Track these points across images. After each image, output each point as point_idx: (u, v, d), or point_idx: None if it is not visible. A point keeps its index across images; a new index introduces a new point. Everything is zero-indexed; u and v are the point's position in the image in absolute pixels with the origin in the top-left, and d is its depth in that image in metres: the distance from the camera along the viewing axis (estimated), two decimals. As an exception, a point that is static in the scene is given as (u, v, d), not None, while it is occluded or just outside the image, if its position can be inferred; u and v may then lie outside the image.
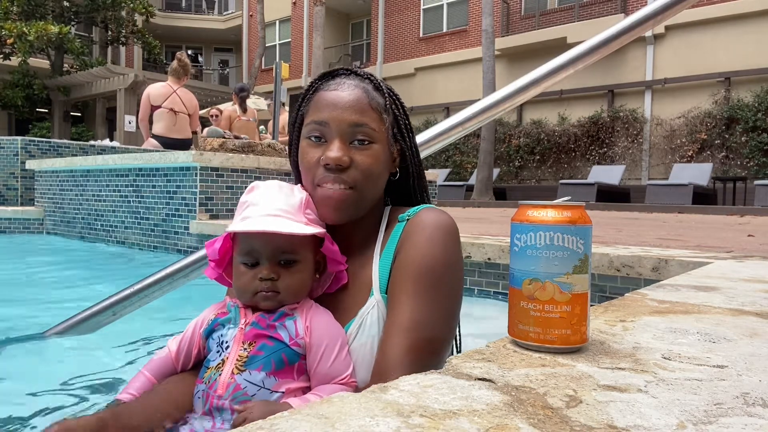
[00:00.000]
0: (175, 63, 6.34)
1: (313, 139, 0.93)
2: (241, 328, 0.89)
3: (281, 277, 0.88)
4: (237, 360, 0.86)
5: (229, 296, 0.98)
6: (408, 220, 0.95)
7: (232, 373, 0.85)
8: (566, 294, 0.60)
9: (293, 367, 0.87)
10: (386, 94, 0.98)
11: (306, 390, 0.88)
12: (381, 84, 0.98)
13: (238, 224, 0.89)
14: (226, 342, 0.89)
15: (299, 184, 0.99)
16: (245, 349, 0.87)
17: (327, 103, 0.93)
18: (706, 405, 0.50)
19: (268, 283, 0.88)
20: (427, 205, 1.00)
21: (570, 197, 0.67)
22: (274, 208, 0.89)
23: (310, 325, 0.88)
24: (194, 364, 0.97)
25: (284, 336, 0.87)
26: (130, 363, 1.73)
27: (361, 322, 0.91)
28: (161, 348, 1.02)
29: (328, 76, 0.98)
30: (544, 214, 0.63)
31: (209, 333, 0.94)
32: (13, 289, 3.04)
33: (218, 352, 0.90)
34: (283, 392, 0.85)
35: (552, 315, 0.61)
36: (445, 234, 0.92)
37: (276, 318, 0.89)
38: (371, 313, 0.91)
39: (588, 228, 0.63)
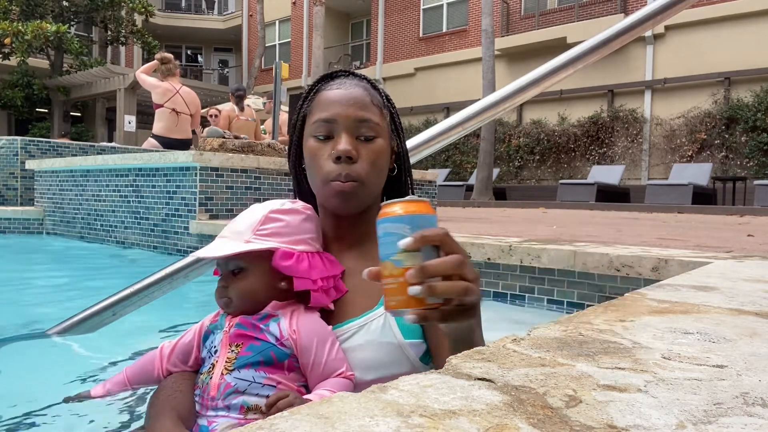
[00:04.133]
0: (162, 66, 6.36)
1: (320, 137, 0.96)
2: (226, 332, 0.92)
3: (230, 284, 0.94)
4: (226, 362, 0.89)
5: None
6: None
7: (222, 374, 0.88)
8: (399, 269, 0.72)
9: (283, 364, 0.89)
10: (382, 93, 1.03)
11: (302, 391, 0.89)
12: (377, 84, 1.05)
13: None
14: (215, 347, 0.92)
15: (295, 199, 1.04)
16: (233, 350, 0.89)
17: (332, 101, 0.96)
18: (706, 405, 0.50)
19: (221, 290, 0.94)
20: None
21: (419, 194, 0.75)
22: (227, 230, 0.96)
23: (297, 326, 0.90)
24: (194, 366, 0.99)
25: (271, 338, 0.89)
26: (130, 362, 1.73)
27: (364, 324, 0.93)
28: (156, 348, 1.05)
29: (328, 77, 1.03)
30: (389, 209, 0.74)
31: (205, 340, 0.97)
32: (13, 289, 3.04)
33: (209, 357, 0.93)
34: (275, 386, 0.87)
35: (390, 286, 0.73)
36: None
37: (260, 319, 0.91)
38: (378, 320, 0.93)
39: (414, 217, 0.73)
